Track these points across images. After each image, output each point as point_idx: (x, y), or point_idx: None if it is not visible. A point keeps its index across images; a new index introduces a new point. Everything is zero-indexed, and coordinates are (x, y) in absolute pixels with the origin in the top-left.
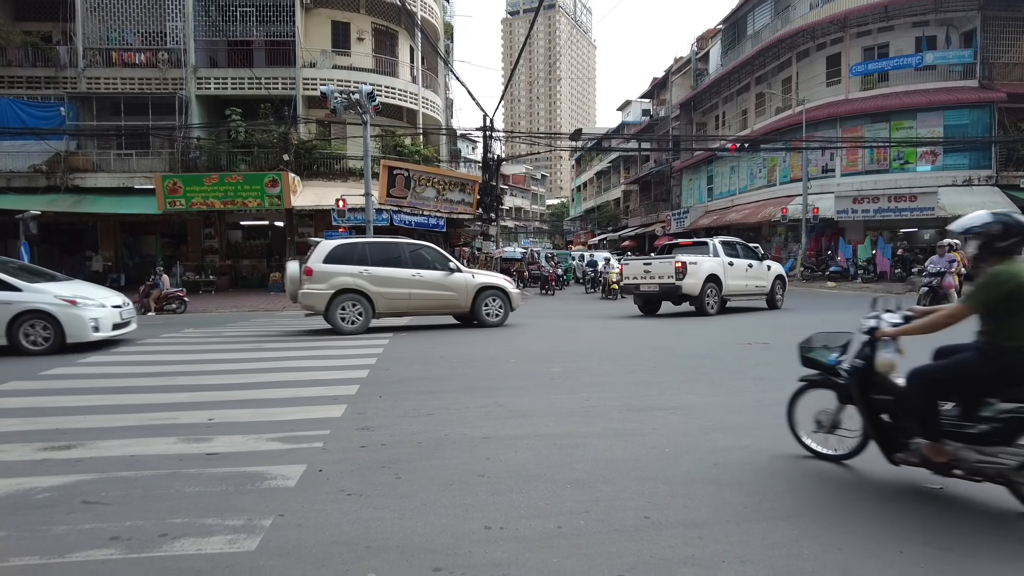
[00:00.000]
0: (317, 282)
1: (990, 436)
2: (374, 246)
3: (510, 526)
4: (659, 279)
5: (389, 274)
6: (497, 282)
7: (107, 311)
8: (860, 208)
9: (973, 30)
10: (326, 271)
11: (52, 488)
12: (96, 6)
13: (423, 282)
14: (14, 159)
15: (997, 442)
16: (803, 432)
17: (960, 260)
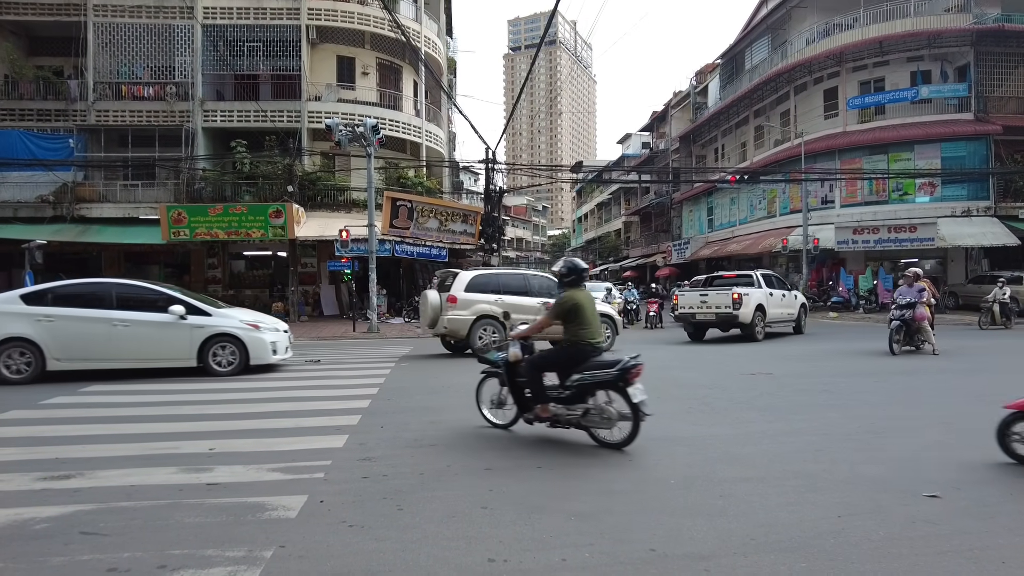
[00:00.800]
0: (461, 309)
1: (570, 398)
2: (506, 276)
3: (514, 559)
4: (716, 308)
5: (519, 302)
6: (605, 310)
7: (281, 335)
8: (860, 239)
9: (967, 64)
10: (468, 299)
11: (50, 518)
12: (107, 42)
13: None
14: (22, 189)
15: (574, 401)
16: (485, 408)
17: (928, 289)
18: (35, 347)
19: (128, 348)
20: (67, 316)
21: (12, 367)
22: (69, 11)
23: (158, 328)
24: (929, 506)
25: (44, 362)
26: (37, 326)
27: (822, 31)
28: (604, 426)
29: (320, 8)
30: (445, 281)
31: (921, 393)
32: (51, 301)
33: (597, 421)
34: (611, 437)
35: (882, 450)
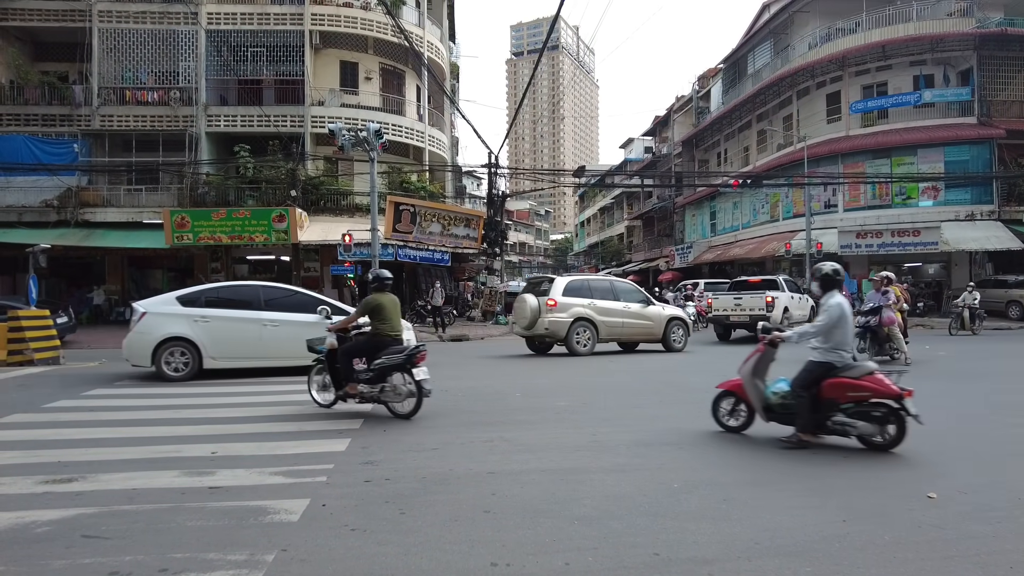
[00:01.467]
0: (559, 312)
1: (373, 379)
2: (595, 282)
3: (517, 563)
4: (750, 311)
5: (609, 306)
6: (680, 314)
7: (410, 333)
8: (864, 243)
9: (970, 69)
10: (565, 303)
11: (52, 522)
12: (112, 47)
13: (631, 313)
14: (27, 194)
15: (376, 381)
16: (314, 391)
17: (899, 294)
18: (193, 346)
19: (277, 347)
20: (221, 317)
21: (172, 365)
22: (74, 17)
23: (304, 328)
24: (935, 510)
25: (201, 361)
26: (195, 326)
27: (824, 35)
28: (396, 400)
29: (323, 14)
30: (540, 286)
31: (922, 398)
32: (205, 303)
33: (391, 397)
34: (402, 410)
35: (886, 455)
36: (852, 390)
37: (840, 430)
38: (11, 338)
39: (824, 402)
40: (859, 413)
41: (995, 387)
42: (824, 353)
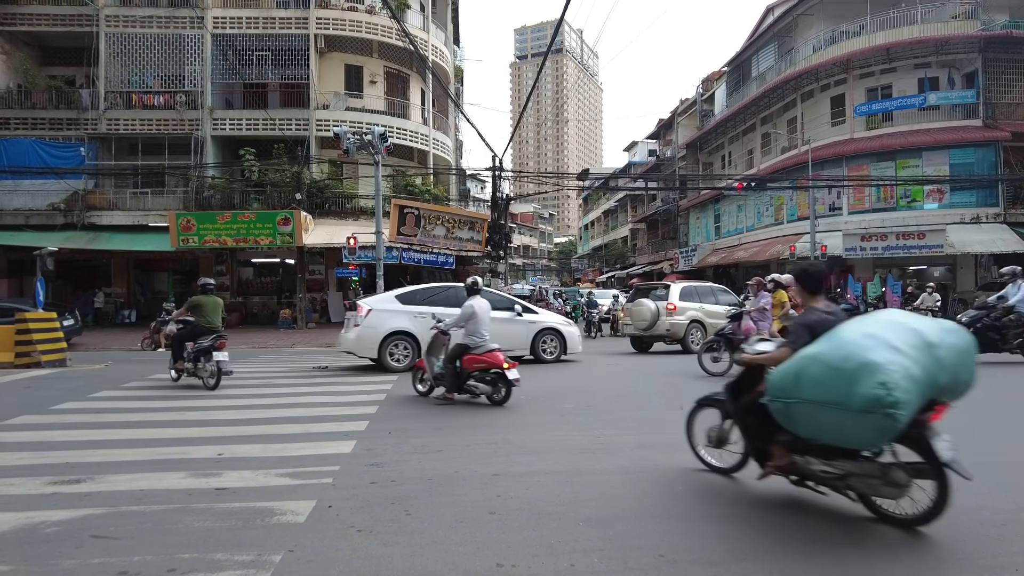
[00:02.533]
0: (678, 315)
1: (194, 359)
2: (700, 287)
3: (522, 564)
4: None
5: (713, 309)
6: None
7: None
8: (868, 246)
9: (975, 71)
10: (683, 307)
11: (61, 522)
12: (118, 51)
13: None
14: (34, 197)
15: (197, 360)
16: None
17: (783, 299)
18: (413, 340)
19: None
20: (439, 315)
21: (395, 356)
22: (81, 22)
23: (506, 323)
24: (945, 513)
25: (419, 353)
26: (415, 321)
27: (829, 38)
28: (204, 375)
29: (328, 17)
30: (655, 291)
31: None
32: (419, 301)
33: (201, 373)
34: (208, 383)
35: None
36: (477, 363)
37: (472, 390)
38: (19, 340)
39: (462, 372)
40: (480, 379)
41: (996, 396)
42: (464, 337)
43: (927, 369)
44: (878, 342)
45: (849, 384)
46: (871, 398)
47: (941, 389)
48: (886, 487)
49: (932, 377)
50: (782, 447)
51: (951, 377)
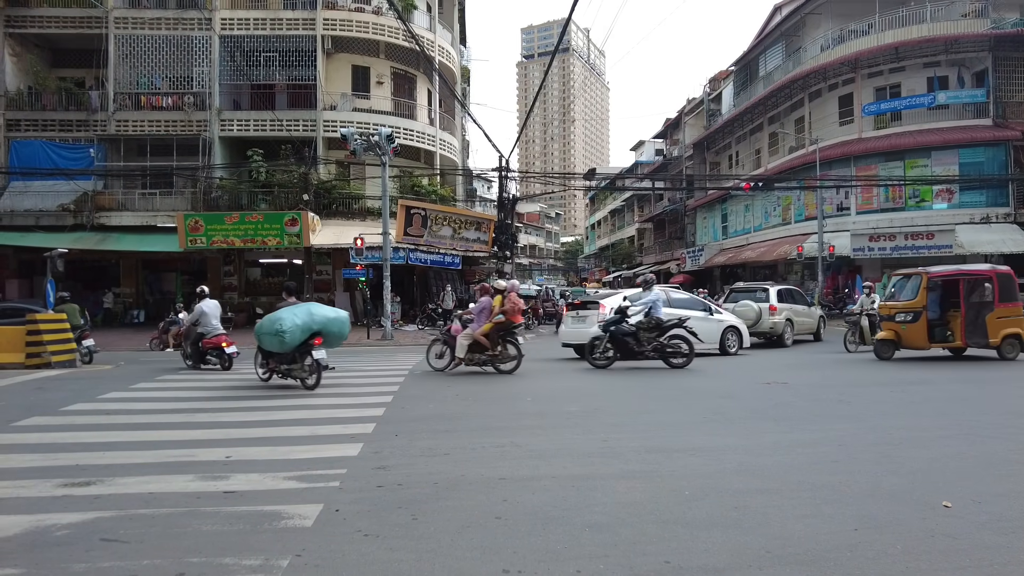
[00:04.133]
0: (779, 315)
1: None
2: (787, 290)
3: (529, 570)
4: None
5: (798, 308)
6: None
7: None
8: (876, 246)
9: (985, 70)
10: (781, 307)
11: (71, 525)
12: (128, 53)
13: (804, 312)
14: (44, 198)
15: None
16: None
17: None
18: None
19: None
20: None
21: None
22: (91, 24)
23: (702, 322)
24: (948, 520)
25: None
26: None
27: (837, 37)
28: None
29: (335, 18)
30: (755, 293)
31: (938, 404)
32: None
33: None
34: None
35: (899, 461)
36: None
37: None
38: (29, 341)
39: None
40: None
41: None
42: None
43: (305, 322)
44: (287, 314)
45: (271, 324)
46: (275, 331)
47: (316, 332)
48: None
49: (308, 325)
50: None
51: (322, 327)
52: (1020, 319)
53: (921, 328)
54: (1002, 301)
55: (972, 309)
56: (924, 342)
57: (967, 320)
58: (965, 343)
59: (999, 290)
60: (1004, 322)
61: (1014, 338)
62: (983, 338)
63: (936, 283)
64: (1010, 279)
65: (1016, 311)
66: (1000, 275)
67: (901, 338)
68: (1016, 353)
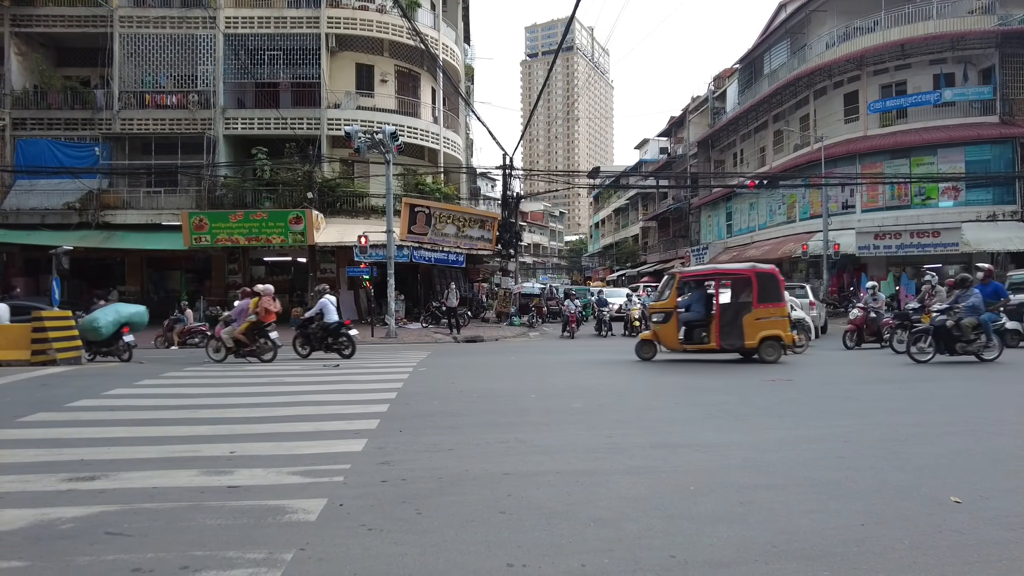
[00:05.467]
0: (815, 310)
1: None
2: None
3: (533, 564)
4: None
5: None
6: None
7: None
8: (882, 244)
9: (991, 67)
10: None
11: (76, 519)
12: (132, 52)
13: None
14: (49, 197)
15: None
16: None
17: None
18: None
19: None
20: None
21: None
22: (96, 23)
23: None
24: (955, 515)
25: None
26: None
27: (842, 35)
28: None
29: (339, 17)
30: (793, 290)
31: (945, 400)
32: None
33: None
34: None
35: (905, 457)
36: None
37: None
38: (35, 338)
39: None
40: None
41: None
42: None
43: (115, 319)
44: (100, 314)
45: (90, 323)
46: (93, 327)
47: (123, 323)
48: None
49: (117, 320)
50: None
51: (128, 320)
52: (781, 320)
53: (671, 329)
54: (761, 302)
55: (730, 310)
56: (675, 343)
57: (723, 321)
58: (719, 345)
59: (758, 290)
60: (763, 323)
61: (774, 340)
62: (739, 340)
63: (689, 283)
64: (772, 279)
65: (777, 312)
66: (760, 275)
67: (658, 338)
68: (778, 355)
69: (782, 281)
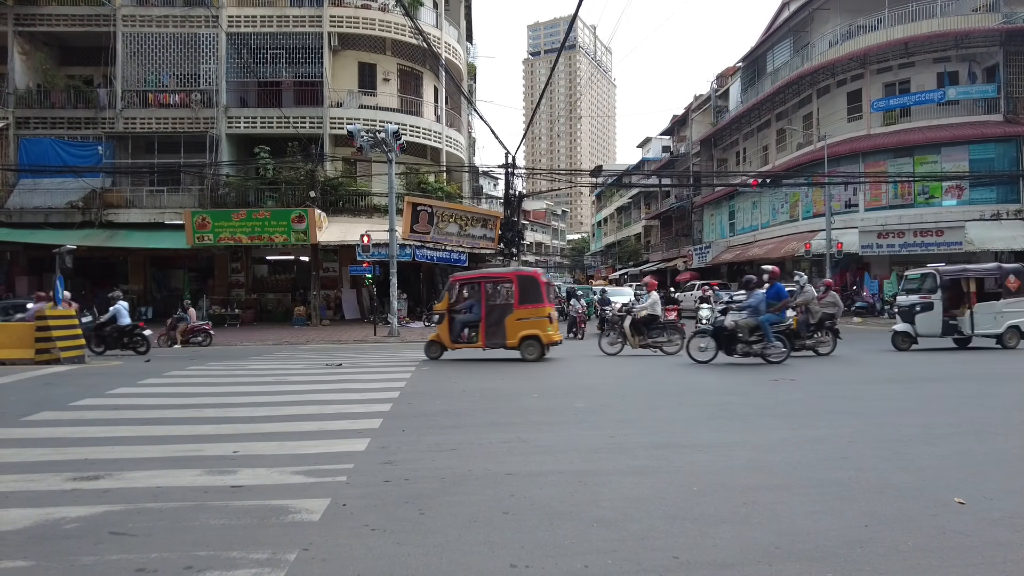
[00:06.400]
0: None
1: None
2: None
3: (536, 565)
4: None
5: None
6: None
7: None
8: (885, 243)
9: (996, 65)
10: None
11: (80, 518)
12: (135, 51)
13: None
14: (53, 196)
15: None
16: None
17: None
18: None
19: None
20: None
21: None
22: (99, 22)
23: None
24: (960, 516)
25: None
26: None
27: (845, 33)
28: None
29: (342, 15)
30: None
31: (949, 401)
32: None
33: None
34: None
35: (909, 458)
36: None
37: None
38: (39, 337)
39: None
40: None
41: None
42: None
43: None
44: None
45: None
46: None
47: None
48: None
49: None
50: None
51: None
52: (540, 321)
53: (445, 329)
54: (522, 303)
55: (496, 311)
56: (448, 343)
57: (489, 322)
58: (484, 344)
59: (519, 292)
60: (523, 324)
61: (533, 339)
62: (502, 339)
63: (465, 286)
64: (532, 281)
65: (536, 313)
66: (521, 278)
67: (439, 338)
68: (538, 354)
69: (543, 283)
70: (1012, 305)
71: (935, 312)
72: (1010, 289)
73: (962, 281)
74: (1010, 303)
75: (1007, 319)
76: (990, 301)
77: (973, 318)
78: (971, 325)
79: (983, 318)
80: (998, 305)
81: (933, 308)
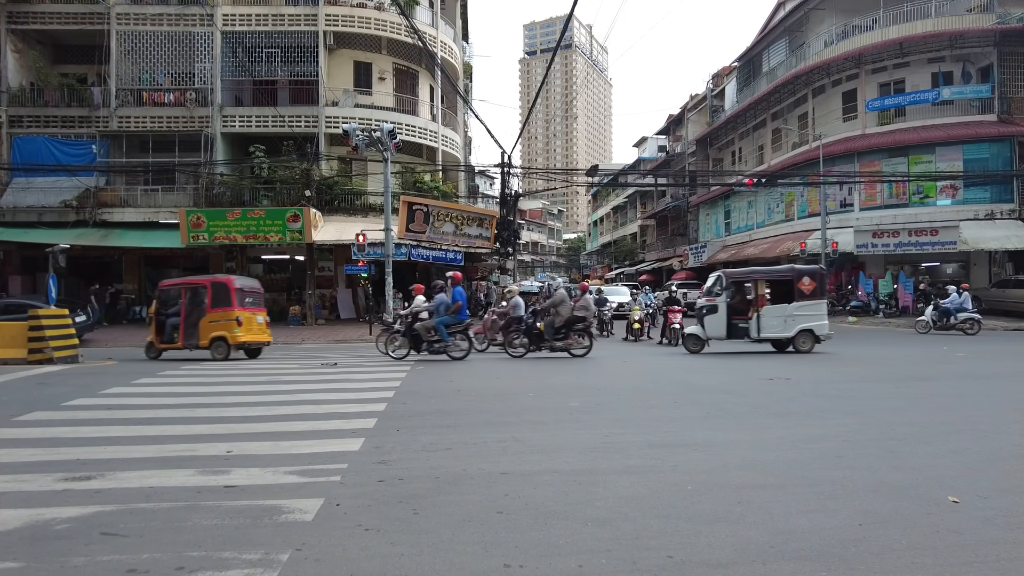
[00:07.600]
0: None
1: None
2: None
3: (530, 564)
4: None
5: None
6: None
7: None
8: (880, 242)
9: (990, 65)
10: None
11: (71, 519)
12: (130, 49)
13: None
14: (47, 195)
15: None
16: None
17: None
18: None
19: None
20: None
21: None
22: (93, 20)
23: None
24: (954, 515)
25: None
26: None
27: (841, 33)
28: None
29: (337, 14)
30: None
31: (943, 400)
32: None
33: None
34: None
35: (903, 457)
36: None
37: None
38: (31, 336)
39: None
40: None
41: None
42: None
43: None
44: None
45: None
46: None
47: None
48: None
49: None
50: None
51: None
52: (228, 323)
53: (155, 331)
54: (214, 307)
55: (195, 313)
56: (157, 343)
57: (188, 323)
58: (183, 344)
59: (212, 297)
60: (214, 326)
61: (220, 340)
62: (196, 340)
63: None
64: (224, 287)
65: (225, 316)
66: (214, 284)
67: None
68: (225, 354)
69: (234, 289)
70: (804, 308)
71: (720, 314)
72: (803, 292)
73: (749, 284)
74: (802, 306)
75: (798, 323)
76: (781, 304)
77: (760, 321)
78: (758, 328)
79: (771, 321)
80: (789, 308)
81: (718, 311)
